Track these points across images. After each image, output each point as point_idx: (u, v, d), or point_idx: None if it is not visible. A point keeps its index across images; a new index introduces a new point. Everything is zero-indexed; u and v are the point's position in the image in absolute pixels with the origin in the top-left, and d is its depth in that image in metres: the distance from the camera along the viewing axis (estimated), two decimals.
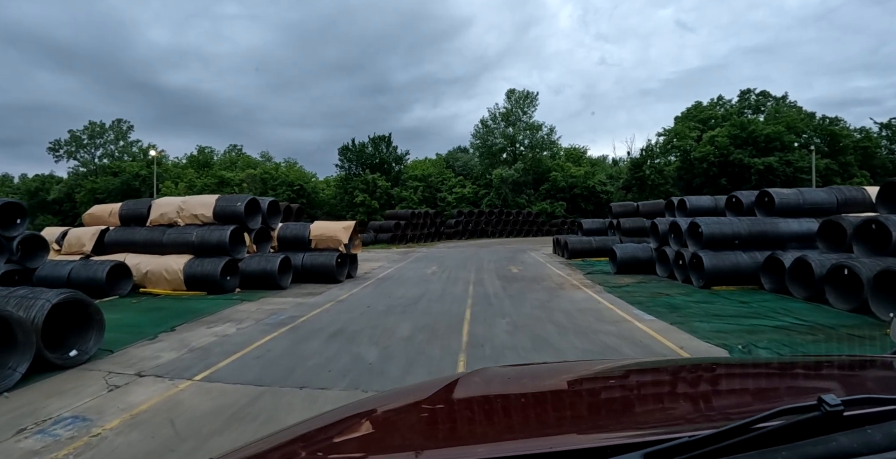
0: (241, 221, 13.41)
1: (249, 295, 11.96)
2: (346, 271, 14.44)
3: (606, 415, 1.16)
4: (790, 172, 52.01)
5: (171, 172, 73.11)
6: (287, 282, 13.28)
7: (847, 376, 1.46)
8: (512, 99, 56.73)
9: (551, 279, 13.97)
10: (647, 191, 54.76)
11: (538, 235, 45.76)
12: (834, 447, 0.71)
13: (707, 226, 12.49)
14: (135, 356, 6.96)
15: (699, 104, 64.34)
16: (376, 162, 58.74)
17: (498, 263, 19.12)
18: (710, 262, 11.91)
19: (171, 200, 14.72)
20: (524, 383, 1.47)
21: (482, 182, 54.79)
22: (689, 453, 0.71)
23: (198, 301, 11.48)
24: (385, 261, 20.69)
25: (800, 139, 57.60)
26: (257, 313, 9.73)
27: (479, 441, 0.98)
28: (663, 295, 11.16)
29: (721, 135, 54.23)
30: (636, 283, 13.08)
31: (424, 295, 11.21)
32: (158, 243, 13.62)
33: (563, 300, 10.41)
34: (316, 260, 13.84)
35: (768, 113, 61.28)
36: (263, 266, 12.84)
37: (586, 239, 20.91)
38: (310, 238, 14.25)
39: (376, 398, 1.69)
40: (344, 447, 1.03)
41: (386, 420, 1.19)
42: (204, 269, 12.51)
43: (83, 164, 78.14)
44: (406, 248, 30.71)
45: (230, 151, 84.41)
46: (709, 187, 51.40)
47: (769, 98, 64.82)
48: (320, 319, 8.91)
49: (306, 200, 61.13)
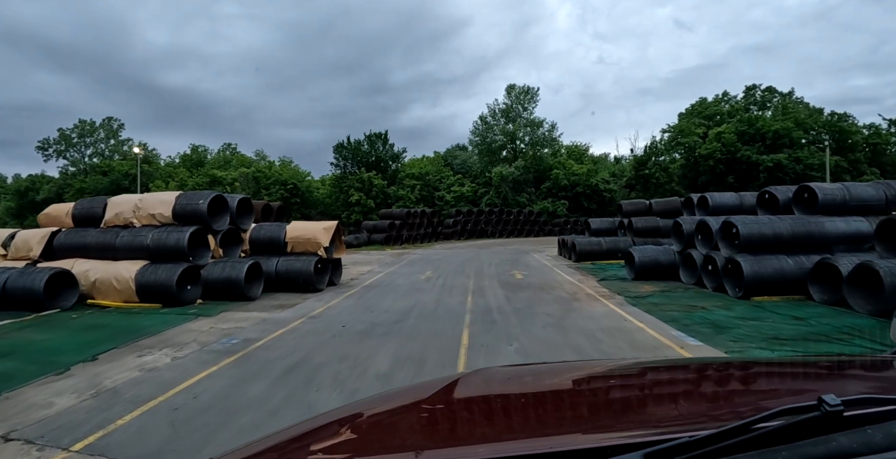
0: (203, 222, 11.62)
1: (209, 309, 10.19)
2: (326, 278, 12.65)
3: (606, 415, 1.16)
4: (800, 170, 50.22)
5: (163, 171, 71.36)
6: (257, 292, 11.49)
7: (847, 376, 1.45)
8: (512, 94, 54.87)
9: (562, 287, 12.18)
10: (652, 189, 53.01)
11: (540, 235, 43.97)
12: (834, 447, 0.70)
13: (745, 227, 10.71)
14: (23, 402, 5.19)
15: (703, 100, 62.60)
16: (372, 160, 56.89)
17: (499, 267, 17.33)
18: (750, 269, 10.14)
19: (127, 198, 12.92)
20: (524, 383, 1.47)
21: (481, 180, 52.93)
22: (689, 453, 0.71)
23: (147, 316, 9.71)
24: (376, 265, 18.90)
25: (808, 136, 55.93)
26: (208, 334, 7.95)
27: (479, 442, 0.97)
28: (698, 308, 9.39)
29: (728, 132, 52.48)
30: (660, 292, 11.30)
31: (414, 309, 9.43)
32: (111, 247, 11.82)
33: (581, 316, 8.62)
34: (292, 266, 12.05)
35: (775, 109, 59.43)
36: (228, 273, 11.05)
37: (595, 241, 19.12)
38: (285, 240, 12.46)
39: (376, 398, 1.48)
40: (344, 447, 1.02)
41: (386, 420, 1.19)
42: (158, 278, 10.73)
43: (73, 163, 76.36)
44: (401, 250, 28.90)
45: (224, 150, 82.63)
46: (715, 185, 49.71)
47: (775, 94, 63.03)
48: (280, 344, 7.12)
49: (300, 199, 59.27)
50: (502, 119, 55.00)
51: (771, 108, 60.68)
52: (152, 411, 4.76)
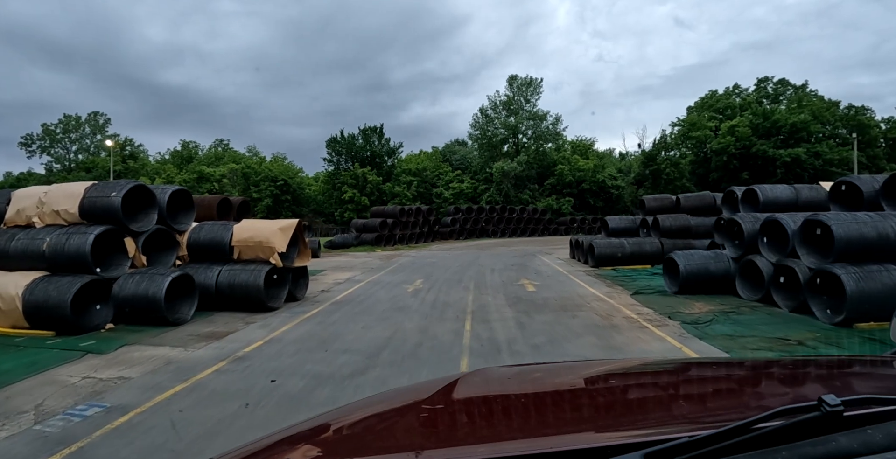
0: (117, 221, 8.82)
1: (110, 341, 7.40)
2: (283, 292, 9.83)
3: (606, 415, 1.15)
4: (819, 165, 47.50)
5: (150, 168, 68.52)
6: (187, 313, 8.69)
7: (847, 376, 1.44)
8: (514, 86, 51.91)
9: (589, 305, 9.37)
10: (662, 185, 50.20)
11: (544, 234, 41.12)
12: (834, 447, 0.70)
13: (841, 227, 7.91)
14: None
15: (714, 93, 59.71)
16: (367, 155, 53.98)
17: (504, 274, 14.52)
18: (855, 285, 7.34)
19: (32, 191, 10.08)
20: (524, 383, 1.46)
21: (481, 176, 50.04)
22: (689, 453, 0.71)
23: (16, 353, 6.93)
24: (359, 271, 16.08)
25: (825, 129, 53.17)
26: (70, 392, 5.18)
27: (479, 442, 0.97)
28: (792, 342, 6.59)
29: (742, 125, 49.58)
30: (722, 314, 8.50)
31: (387, 346, 6.60)
32: (4, 254, 9.05)
33: None
34: (236, 279, 9.24)
35: (789, 102, 56.49)
36: (145, 289, 8.24)
37: (617, 242, 16.27)
38: (231, 244, 9.65)
39: (376, 398, 1.50)
40: (344, 447, 1.01)
41: (386, 420, 1.18)
42: (49, 295, 7.93)
43: (57, 160, 73.50)
44: (392, 251, 26.06)
45: (216, 146, 79.61)
46: (727, 182, 46.87)
47: (788, 86, 60.08)
48: (155, 420, 4.33)
49: (291, 197, 56.36)
50: (504, 112, 52.05)
51: (784, 101, 57.79)
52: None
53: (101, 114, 75.08)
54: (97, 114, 75.15)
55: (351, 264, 18.57)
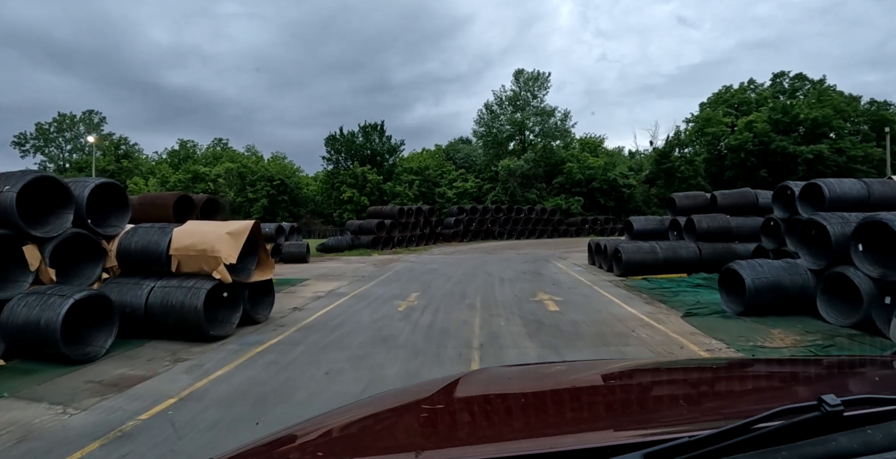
0: (11, 224, 6.66)
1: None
2: (235, 316, 7.62)
3: (606, 415, 1.15)
4: (843, 162, 44.92)
5: (144, 167, 66.69)
6: (103, 344, 6.52)
7: (847, 376, 1.43)
8: (520, 80, 49.58)
9: (634, 333, 7.13)
10: (676, 184, 47.79)
11: (554, 236, 38.80)
12: (834, 447, 0.70)
13: None
14: None
15: (728, 88, 57.23)
16: (367, 153, 51.83)
17: (517, 285, 12.28)
18: None
19: None
20: (525, 383, 1.45)
21: (486, 175, 47.74)
22: (689, 453, 0.70)
23: None
24: (346, 280, 13.88)
25: (847, 125, 50.62)
26: None
27: (480, 441, 0.96)
28: None
29: (760, 121, 47.04)
30: (815, 347, 6.26)
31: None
32: None
33: None
34: (170, 298, 7.04)
35: (808, 97, 53.89)
36: (37, 316, 6.06)
37: (647, 247, 13.98)
38: (169, 253, 7.46)
39: (377, 398, 1.49)
40: (344, 447, 1.00)
41: (386, 421, 1.16)
42: None
43: (51, 159, 71.81)
44: (390, 255, 23.84)
45: (215, 146, 77.64)
46: (743, 180, 44.41)
47: (805, 81, 57.49)
48: None
49: (288, 197, 54.26)
50: (510, 107, 49.72)
51: (801, 97, 55.25)
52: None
53: (97, 113, 73.43)
54: (92, 112, 73.48)
55: (340, 271, 16.37)
